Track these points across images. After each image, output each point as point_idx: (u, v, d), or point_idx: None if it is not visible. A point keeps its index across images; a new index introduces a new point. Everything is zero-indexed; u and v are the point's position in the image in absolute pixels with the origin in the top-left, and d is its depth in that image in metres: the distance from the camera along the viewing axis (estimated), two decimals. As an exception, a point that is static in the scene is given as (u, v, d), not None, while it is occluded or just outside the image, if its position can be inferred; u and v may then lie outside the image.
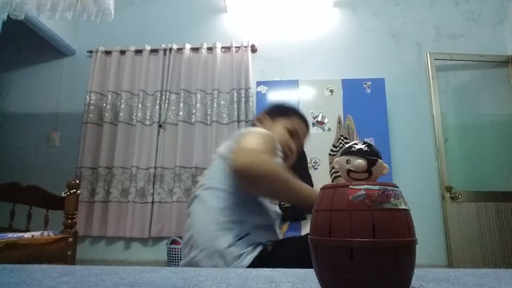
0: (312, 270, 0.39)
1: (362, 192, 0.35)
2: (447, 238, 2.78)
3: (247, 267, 0.86)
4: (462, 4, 3.29)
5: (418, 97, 3.10)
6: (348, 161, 0.38)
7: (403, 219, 0.35)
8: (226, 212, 0.96)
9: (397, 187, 0.37)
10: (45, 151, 3.23)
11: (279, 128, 1.24)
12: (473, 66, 3.14)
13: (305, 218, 2.73)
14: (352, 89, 3.03)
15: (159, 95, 3.13)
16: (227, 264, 0.89)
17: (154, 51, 3.25)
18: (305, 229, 2.66)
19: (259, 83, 3.06)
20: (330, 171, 2.82)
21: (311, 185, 2.78)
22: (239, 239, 0.93)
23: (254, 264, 0.88)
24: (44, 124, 3.28)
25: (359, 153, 0.38)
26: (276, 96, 3.08)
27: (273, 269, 0.57)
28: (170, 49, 3.22)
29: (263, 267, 0.60)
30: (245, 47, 3.14)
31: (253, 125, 1.31)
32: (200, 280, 0.45)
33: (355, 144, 0.40)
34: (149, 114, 3.10)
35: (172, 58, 3.19)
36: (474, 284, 0.44)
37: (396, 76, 3.11)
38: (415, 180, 2.92)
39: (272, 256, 0.92)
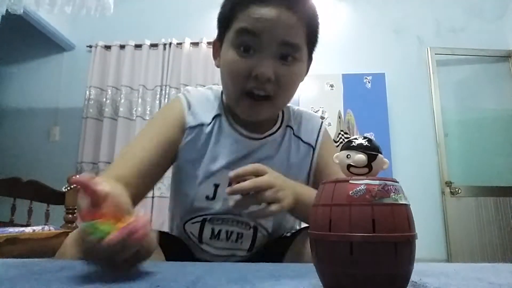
0: (312, 264, 0.39)
1: (362, 187, 0.35)
2: (447, 233, 2.79)
3: None
4: (463, -2, 3.27)
5: (418, 92, 3.09)
6: (348, 156, 0.38)
7: (403, 214, 0.35)
8: None
9: (397, 182, 0.37)
10: (45, 146, 3.23)
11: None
12: (474, 60, 3.13)
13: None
14: (353, 84, 3.02)
15: (159, 90, 3.13)
16: None
17: (154, 45, 3.24)
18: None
19: (259, 78, 3.05)
20: (330, 166, 2.83)
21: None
22: None
23: None
24: (44, 119, 3.28)
25: (359, 148, 0.38)
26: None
27: (274, 263, 0.57)
28: (170, 43, 3.20)
29: None
30: (245, 41, 3.13)
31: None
32: (199, 275, 0.45)
33: (355, 138, 0.40)
34: (149, 109, 3.10)
35: (172, 53, 3.18)
36: (473, 278, 0.44)
37: (396, 71, 3.10)
38: (415, 175, 2.92)
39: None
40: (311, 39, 0.77)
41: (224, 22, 0.76)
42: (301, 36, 0.72)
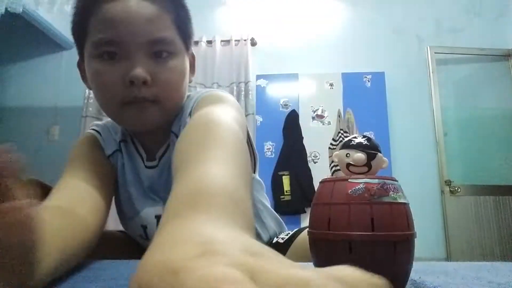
0: (311, 264, 0.39)
1: (361, 185, 0.35)
2: (446, 232, 2.80)
3: None
4: (463, -3, 3.27)
5: (418, 91, 3.09)
6: (348, 155, 0.38)
7: (402, 213, 0.35)
8: None
9: (396, 180, 0.37)
10: (45, 145, 3.22)
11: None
12: (473, 59, 3.13)
13: (305, 212, 2.74)
14: (352, 83, 3.02)
15: (158, 88, 3.13)
16: None
17: (153, 44, 3.24)
18: (305, 222, 2.67)
19: (258, 77, 3.05)
20: (330, 165, 2.83)
21: (310, 178, 2.78)
22: None
23: None
24: (44, 118, 3.27)
25: (359, 146, 0.38)
26: (275, 89, 3.08)
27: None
28: (169, 42, 3.20)
29: None
30: (245, 40, 3.13)
31: None
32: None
33: (355, 137, 0.39)
34: (148, 108, 3.10)
35: (171, 52, 3.18)
36: (472, 277, 0.44)
37: (396, 70, 3.10)
38: (414, 174, 2.92)
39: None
40: (181, 27, 0.67)
41: (80, 33, 0.64)
42: (168, 27, 0.63)
